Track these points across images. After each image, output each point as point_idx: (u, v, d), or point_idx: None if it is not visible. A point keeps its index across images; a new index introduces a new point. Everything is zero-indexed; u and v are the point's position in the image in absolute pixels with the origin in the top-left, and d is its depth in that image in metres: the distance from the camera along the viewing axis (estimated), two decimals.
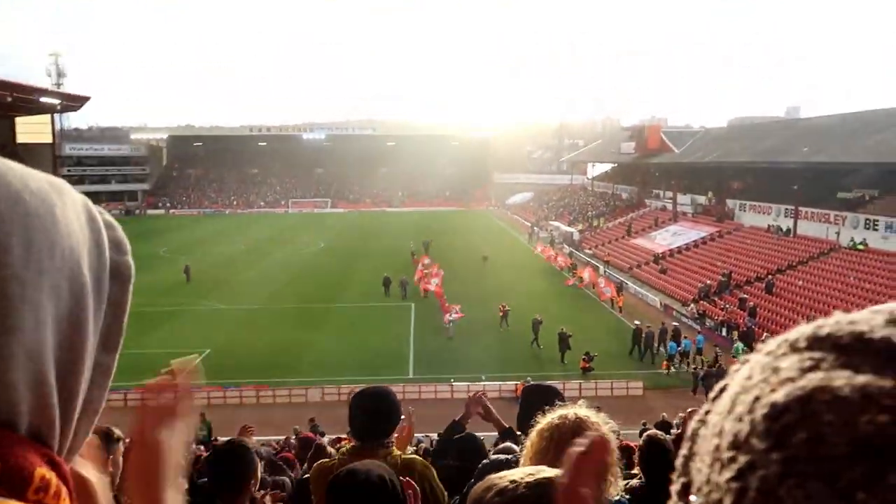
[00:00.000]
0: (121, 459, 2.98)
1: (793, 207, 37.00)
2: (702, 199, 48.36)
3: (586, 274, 36.30)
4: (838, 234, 33.45)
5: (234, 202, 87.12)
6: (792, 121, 59.63)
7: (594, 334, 27.34)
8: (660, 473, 3.61)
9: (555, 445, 1.86)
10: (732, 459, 0.38)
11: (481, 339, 27.32)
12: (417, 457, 3.35)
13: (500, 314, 28.66)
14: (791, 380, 0.37)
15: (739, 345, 24.68)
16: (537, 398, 3.27)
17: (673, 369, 24.34)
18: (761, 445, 0.36)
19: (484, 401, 4.70)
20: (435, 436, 14.92)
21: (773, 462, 0.35)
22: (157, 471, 0.93)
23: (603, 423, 2.04)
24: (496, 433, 4.68)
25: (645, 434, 4.33)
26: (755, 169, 43.14)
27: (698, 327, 28.50)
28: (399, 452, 3.17)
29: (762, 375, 0.40)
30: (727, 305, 30.00)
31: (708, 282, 33.24)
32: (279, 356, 24.99)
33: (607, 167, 72.14)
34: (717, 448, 0.40)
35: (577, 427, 1.94)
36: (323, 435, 13.22)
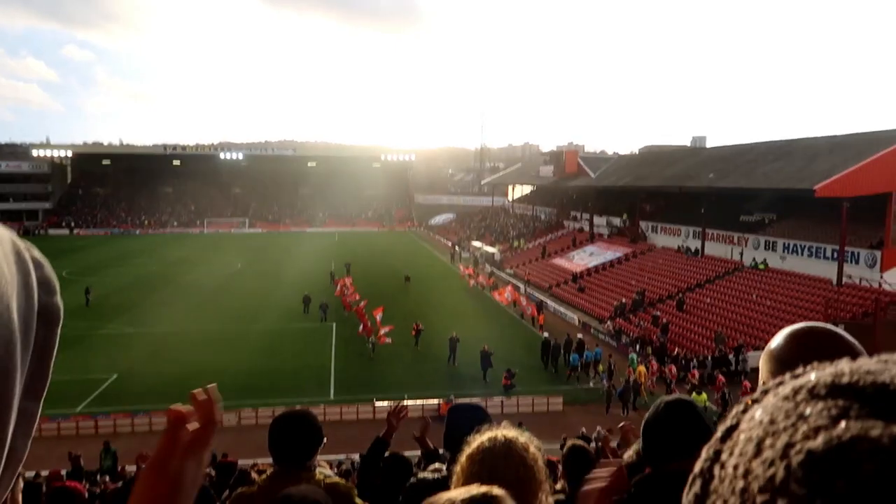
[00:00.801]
0: (20, 497, 2.69)
1: (700, 229, 38.96)
2: (617, 221, 50.16)
3: (508, 292, 36.81)
4: (741, 254, 35.43)
5: (146, 222, 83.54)
6: (698, 149, 63.04)
7: (515, 351, 27.65)
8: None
9: (487, 470, 1.81)
10: (770, 502, 0.38)
11: (403, 359, 27.13)
12: (340, 479, 3.25)
13: (413, 333, 28.60)
14: (824, 427, 0.38)
15: (634, 356, 26.04)
16: (463, 418, 3.23)
17: (576, 378, 25.51)
18: (801, 492, 0.36)
19: (424, 429, 4.64)
20: (357, 457, 14.61)
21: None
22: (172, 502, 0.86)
23: (530, 442, 2.00)
24: (419, 452, 4.60)
25: (568, 442, 4.38)
26: (665, 193, 45.19)
27: (615, 343, 29.33)
28: (322, 476, 3.08)
29: (788, 421, 0.40)
30: (641, 322, 31.09)
31: (623, 300, 34.37)
32: (192, 380, 23.68)
33: (527, 190, 73.80)
34: (747, 490, 0.40)
35: (507, 449, 1.88)
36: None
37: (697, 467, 0.46)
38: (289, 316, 34.01)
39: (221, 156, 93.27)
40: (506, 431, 2.00)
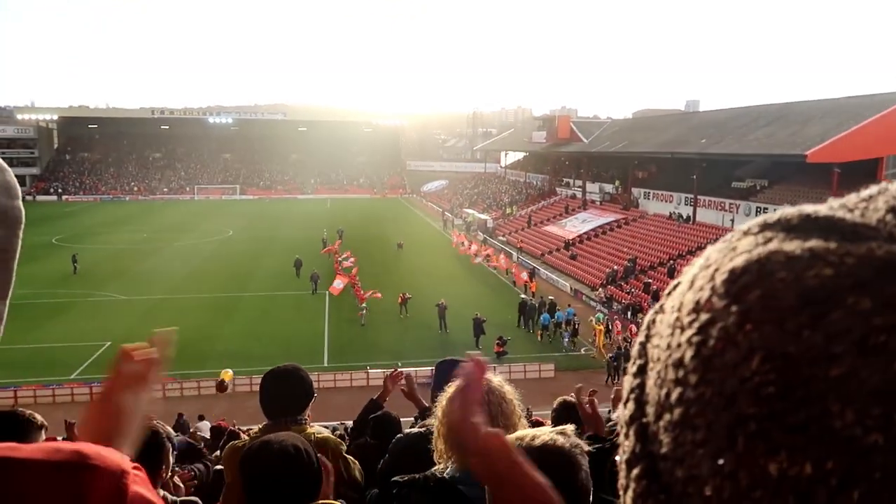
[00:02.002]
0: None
1: (692, 196, 38.97)
2: (609, 188, 50.10)
3: (501, 259, 36.95)
4: (733, 221, 35.50)
5: (135, 188, 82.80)
6: (691, 114, 62.70)
7: (506, 319, 27.83)
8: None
9: None
10: (693, 320, 0.41)
11: (395, 327, 27.29)
12: (331, 434, 3.29)
13: (400, 302, 28.69)
14: (748, 251, 0.42)
15: (600, 315, 27.10)
16: (449, 370, 3.24)
17: (548, 338, 26.48)
18: (721, 303, 0.40)
19: (408, 380, 4.65)
20: (350, 423, 14.80)
21: (732, 314, 0.39)
22: (114, 431, 0.92)
23: (503, 382, 2.09)
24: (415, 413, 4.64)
25: (559, 398, 4.45)
26: (658, 159, 45.09)
27: (606, 311, 29.56)
28: (313, 430, 3.10)
29: (720, 255, 0.45)
30: (632, 290, 31.29)
31: (615, 267, 34.53)
32: (186, 347, 23.93)
33: (520, 156, 73.44)
34: (678, 318, 0.44)
35: (486, 388, 1.91)
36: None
37: (644, 321, 0.51)
38: (281, 283, 34.01)
39: (210, 120, 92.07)
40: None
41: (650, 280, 31.71)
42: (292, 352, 23.88)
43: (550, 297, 29.05)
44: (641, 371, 0.47)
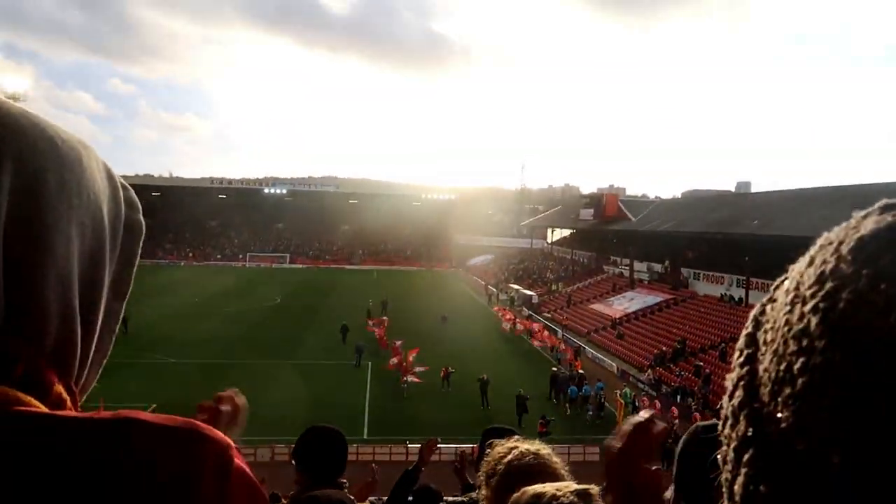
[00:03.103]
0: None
1: (744, 278, 38.05)
2: (658, 267, 49.39)
3: (545, 336, 36.48)
4: None
5: (190, 254, 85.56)
6: (742, 194, 62.04)
7: (543, 392, 27.26)
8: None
9: (520, 484, 1.72)
10: (818, 290, 0.40)
11: (436, 401, 26.88)
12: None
13: (442, 376, 28.42)
14: (875, 223, 0.41)
15: (628, 390, 26.62)
16: (496, 438, 3.15)
17: (573, 411, 26.37)
18: (850, 269, 0.39)
19: (462, 457, 4.54)
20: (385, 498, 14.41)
21: (864, 276, 0.38)
22: None
23: (552, 454, 1.95)
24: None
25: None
26: (708, 239, 44.43)
27: (654, 393, 28.60)
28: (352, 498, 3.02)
29: (840, 233, 0.44)
30: (682, 372, 30.25)
31: (663, 348, 33.59)
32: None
33: (566, 233, 73.44)
34: (797, 295, 0.42)
35: (538, 463, 1.81)
36: None
37: (750, 315, 0.49)
38: (325, 352, 34.13)
39: (266, 190, 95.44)
40: (527, 444, 1.91)
41: (701, 363, 30.67)
42: (332, 422, 23.70)
43: (581, 371, 29.10)
44: (750, 359, 0.46)
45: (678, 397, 27.55)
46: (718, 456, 0.47)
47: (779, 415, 0.41)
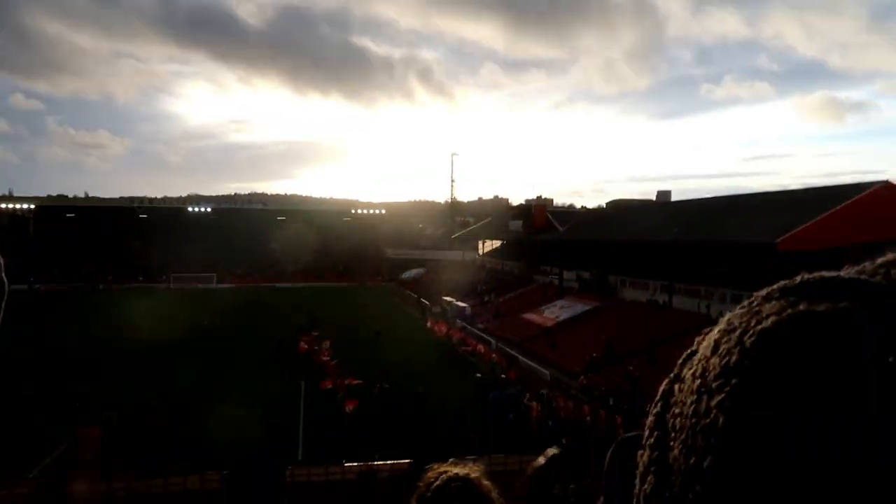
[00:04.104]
0: None
1: (668, 283, 39.49)
2: (586, 275, 50.63)
3: (480, 347, 36.69)
4: (709, 307, 35.90)
5: (110, 277, 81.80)
6: (663, 203, 64.49)
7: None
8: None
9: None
10: (723, 384, 0.41)
11: (373, 418, 26.56)
12: None
13: (377, 391, 28.35)
14: (776, 314, 0.42)
15: (545, 392, 27.75)
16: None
17: (495, 416, 26.65)
18: (752, 365, 0.40)
19: None
20: None
21: (767, 376, 0.39)
22: None
23: (489, 482, 1.90)
24: None
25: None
26: (632, 247, 45.93)
27: (586, 398, 29.19)
28: None
29: (743, 319, 0.44)
30: (612, 376, 31.04)
31: (594, 354, 34.37)
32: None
33: (497, 244, 74.36)
34: (702, 384, 0.43)
35: (467, 491, 1.77)
36: None
37: (659, 391, 0.51)
38: (256, 371, 33.22)
39: (190, 209, 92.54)
40: (459, 468, 1.86)
41: (630, 367, 31.53)
42: (266, 445, 23.06)
43: (504, 376, 30.36)
44: (660, 443, 0.46)
45: (609, 401, 28.19)
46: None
47: None
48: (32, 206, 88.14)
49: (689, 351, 0.50)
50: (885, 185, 33.61)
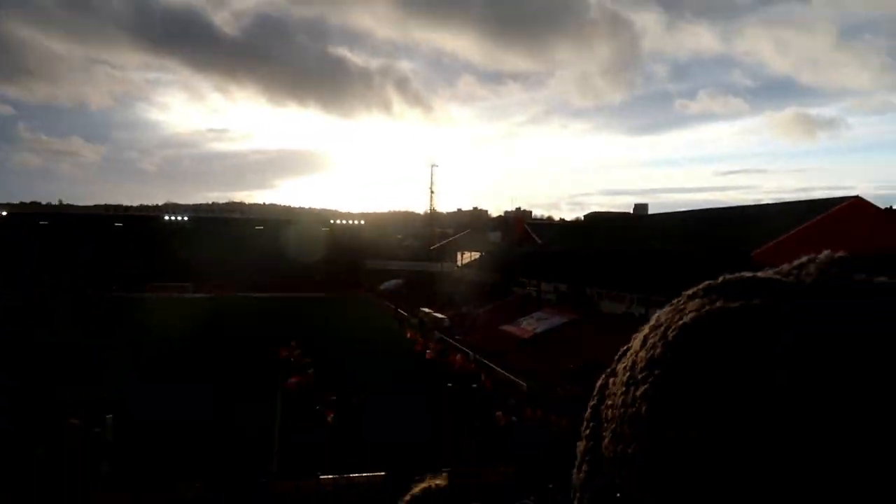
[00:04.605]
0: None
1: (644, 296, 39.85)
2: (563, 287, 50.91)
3: (458, 358, 36.63)
4: None
5: (85, 286, 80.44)
6: (640, 216, 65.25)
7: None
8: None
9: None
10: (647, 376, 0.45)
11: (349, 430, 26.36)
12: None
13: (353, 402, 28.16)
14: (696, 311, 0.46)
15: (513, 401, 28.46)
16: None
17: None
18: (671, 356, 0.44)
19: None
20: None
21: (684, 368, 0.42)
22: None
23: None
24: None
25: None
26: (610, 259, 46.32)
27: (562, 409, 29.25)
28: None
29: (669, 316, 0.49)
30: (588, 387, 31.21)
31: (571, 366, 34.54)
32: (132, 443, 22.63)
33: (476, 255, 74.55)
34: (632, 376, 0.47)
35: None
36: None
37: (597, 386, 0.55)
38: (233, 382, 32.83)
39: (166, 218, 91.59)
40: (439, 479, 1.84)
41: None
42: (241, 457, 22.79)
43: (475, 385, 30.48)
44: (594, 434, 0.49)
45: (586, 412, 28.29)
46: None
47: (618, 494, 0.44)
48: (4, 213, 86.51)
49: (624, 347, 0.53)
50: (854, 201, 34.34)
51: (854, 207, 33.79)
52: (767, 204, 39.46)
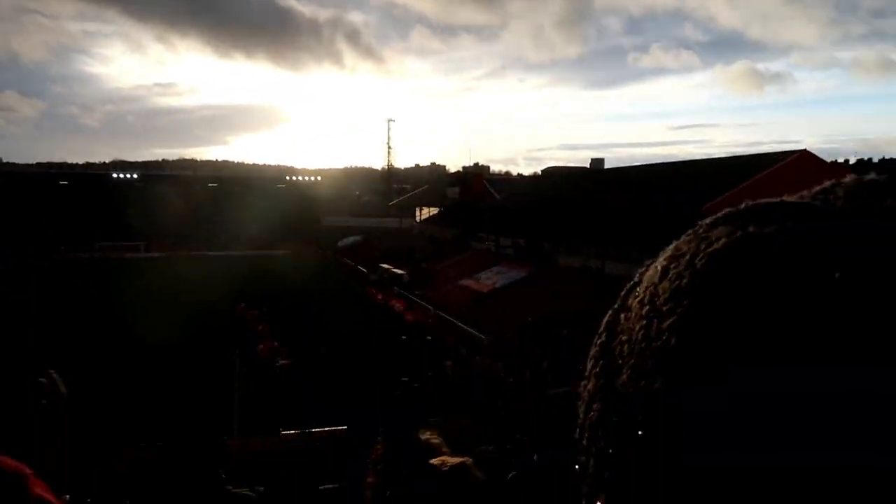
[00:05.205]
0: None
1: (601, 249, 40.54)
2: (521, 242, 51.39)
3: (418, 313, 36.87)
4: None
5: (29, 248, 77.78)
6: (597, 171, 65.77)
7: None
8: None
9: None
10: (675, 307, 0.41)
11: (309, 386, 26.45)
12: None
13: (313, 360, 28.24)
14: (726, 237, 0.43)
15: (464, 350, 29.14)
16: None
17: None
18: (704, 285, 0.41)
19: None
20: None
21: (720, 293, 0.39)
22: None
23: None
24: None
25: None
26: (566, 213, 46.84)
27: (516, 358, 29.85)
28: None
29: (692, 244, 0.45)
30: (547, 341, 31.83)
31: (529, 319, 35.11)
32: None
33: (434, 211, 74.45)
34: (652, 308, 0.43)
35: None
36: None
37: (603, 323, 0.50)
38: (187, 341, 32.45)
39: (115, 176, 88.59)
40: (455, 458, 1.84)
41: (565, 331, 32.37)
42: (200, 420, 22.68)
43: (429, 337, 30.86)
44: (606, 371, 0.46)
45: (543, 364, 28.89)
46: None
47: (640, 432, 0.41)
48: None
49: (631, 283, 0.50)
50: (802, 154, 35.21)
51: (801, 161, 34.65)
52: (718, 158, 40.23)
